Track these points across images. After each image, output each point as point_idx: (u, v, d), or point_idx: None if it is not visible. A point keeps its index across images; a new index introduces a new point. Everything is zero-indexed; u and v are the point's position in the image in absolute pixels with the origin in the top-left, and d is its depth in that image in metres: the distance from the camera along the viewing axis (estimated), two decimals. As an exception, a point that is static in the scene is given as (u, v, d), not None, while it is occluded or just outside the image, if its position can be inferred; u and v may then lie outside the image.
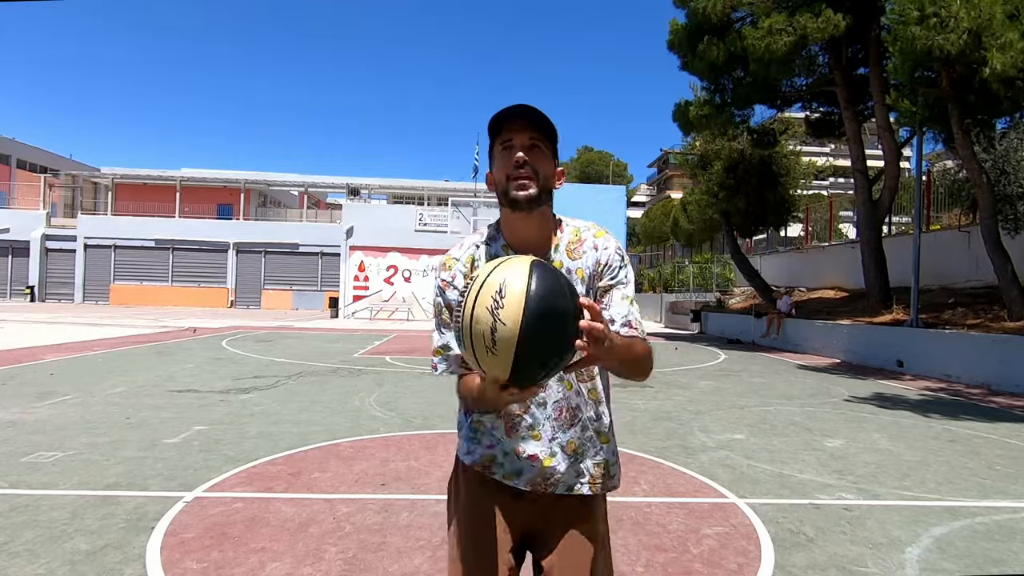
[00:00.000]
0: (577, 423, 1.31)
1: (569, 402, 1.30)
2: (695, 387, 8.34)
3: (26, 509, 3.26)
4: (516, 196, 1.25)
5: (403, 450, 4.68)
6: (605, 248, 1.34)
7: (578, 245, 1.34)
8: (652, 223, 39.30)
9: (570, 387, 1.31)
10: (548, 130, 1.28)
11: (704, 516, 3.44)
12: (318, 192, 37.33)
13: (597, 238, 1.35)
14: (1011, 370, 8.67)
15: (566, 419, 1.30)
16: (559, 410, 1.30)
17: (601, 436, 1.33)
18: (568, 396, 1.30)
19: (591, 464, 1.32)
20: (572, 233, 1.35)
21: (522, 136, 1.26)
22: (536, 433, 1.29)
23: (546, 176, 1.28)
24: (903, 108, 10.44)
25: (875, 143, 16.70)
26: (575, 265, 1.32)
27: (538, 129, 1.27)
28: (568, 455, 1.30)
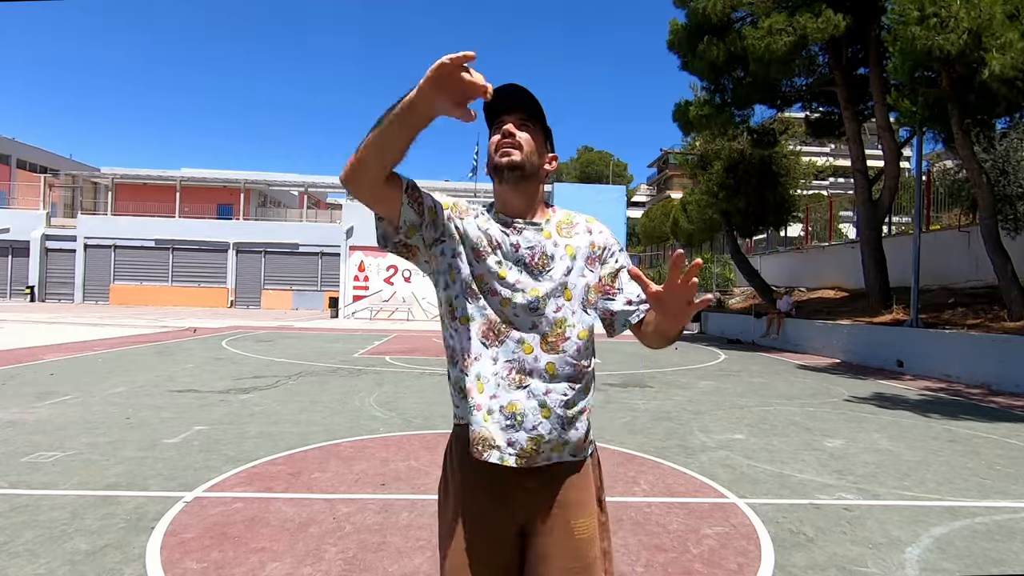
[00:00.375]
0: (524, 388, 1.28)
1: (522, 364, 1.28)
2: (695, 387, 8.34)
3: (26, 509, 3.26)
4: (499, 162, 1.30)
5: (403, 450, 4.68)
6: (600, 232, 1.40)
7: (569, 227, 1.38)
8: (652, 223, 39.31)
9: (529, 351, 1.28)
10: (535, 108, 1.32)
11: (704, 516, 3.44)
12: (318, 192, 37.30)
13: (590, 223, 1.41)
14: (1011, 370, 8.67)
15: (513, 380, 1.28)
16: (509, 369, 1.28)
17: (544, 409, 1.27)
18: (523, 359, 1.28)
19: (525, 436, 1.26)
20: (564, 215, 1.41)
21: (511, 116, 1.31)
22: (480, 385, 1.28)
23: (532, 151, 1.31)
24: (903, 108, 10.44)
25: (875, 143, 16.70)
26: (564, 242, 1.35)
27: (525, 108, 1.31)
28: (504, 416, 1.27)
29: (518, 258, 1.32)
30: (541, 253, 1.33)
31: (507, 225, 1.35)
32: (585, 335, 1.33)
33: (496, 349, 1.29)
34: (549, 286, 1.31)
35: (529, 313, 1.30)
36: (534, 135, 1.33)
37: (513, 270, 1.31)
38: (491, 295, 1.30)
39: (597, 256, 1.37)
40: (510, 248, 1.33)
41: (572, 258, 1.34)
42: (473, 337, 1.30)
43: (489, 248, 1.32)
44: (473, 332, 1.30)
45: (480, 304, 1.30)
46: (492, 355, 1.29)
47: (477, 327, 1.30)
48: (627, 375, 9.24)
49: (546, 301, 1.30)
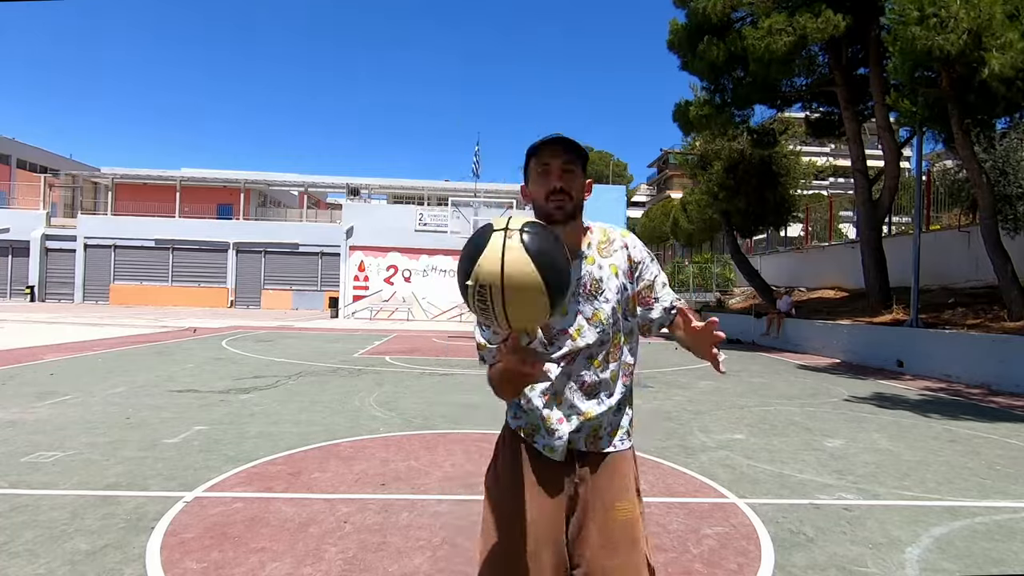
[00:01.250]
0: (596, 396, 1.46)
1: (595, 377, 1.46)
2: (695, 387, 8.34)
3: (26, 509, 3.26)
4: (554, 215, 1.43)
5: (403, 450, 4.68)
6: (635, 247, 1.55)
7: (608, 244, 1.52)
8: (652, 223, 39.31)
9: (598, 364, 1.46)
10: (580, 154, 1.45)
11: (704, 516, 3.44)
12: (318, 192, 37.32)
13: (624, 237, 1.56)
14: (1011, 370, 8.67)
15: (587, 392, 1.46)
16: (582, 383, 1.46)
17: (607, 409, 1.47)
18: (595, 372, 1.46)
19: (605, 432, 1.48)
20: (600, 233, 1.54)
21: (557, 160, 1.43)
22: (559, 399, 1.46)
23: (578, 195, 1.46)
24: (903, 108, 10.44)
25: (875, 143, 16.70)
26: (607, 262, 1.50)
27: (572, 153, 1.44)
28: (585, 422, 1.45)
29: (574, 291, 1.45)
30: (591, 279, 1.47)
31: None
32: (629, 339, 1.53)
33: (570, 368, 1.46)
34: (607, 307, 1.47)
35: (596, 333, 1.46)
36: (578, 176, 1.46)
37: (571, 303, 1.45)
38: (562, 334, 1.45)
39: (634, 269, 1.53)
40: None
41: (616, 276, 1.50)
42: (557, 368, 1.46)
43: None
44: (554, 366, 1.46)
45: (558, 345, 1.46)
46: (567, 372, 1.46)
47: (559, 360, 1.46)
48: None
49: (607, 320, 1.47)
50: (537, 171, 1.45)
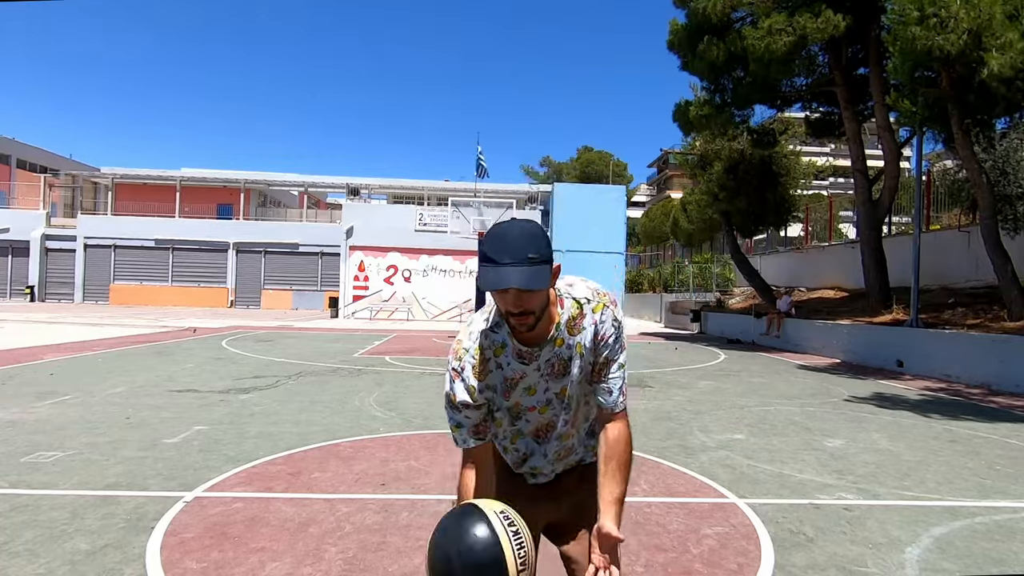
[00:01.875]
0: (571, 456, 1.62)
1: (566, 445, 1.58)
2: (695, 387, 8.34)
3: (26, 509, 3.26)
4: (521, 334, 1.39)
5: (403, 450, 4.68)
6: (603, 322, 1.45)
7: (579, 319, 1.44)
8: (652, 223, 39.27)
9: (568, 438, 1.57)
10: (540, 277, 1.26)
11: (704, 516, 3.44)
12: (318, 192, 37.31)
13: (595, 313, 1.44)
14: (1011, 370, 8.67)
15: (563, 456, 1.60)
16: (558, 454, 1.59)
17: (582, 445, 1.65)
18: (566, 444, 1.58)
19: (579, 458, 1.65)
20: (573, 307, 1.43)
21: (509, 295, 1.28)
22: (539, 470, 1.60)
23: (542, 306, 1.34)
24: (903, 108, 10.43)
25: (875, 143, 16.70)
26: (574, 340, 1.44)
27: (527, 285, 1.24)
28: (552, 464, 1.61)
29: (541, 374, 1.47)
30: (559, 360, 1.46)
31: (524, 355, 1.43)
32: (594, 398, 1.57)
33: (547, 445, 1.56)
34: (573, 385, 1.49)
35: (563, 410, 1.52)
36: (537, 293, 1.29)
37: (540, 383, 1.47)
38: (529, 411, 1.51)
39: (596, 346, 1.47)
40: (533, 371, 1.46)
41: (581, 356, 1.47)
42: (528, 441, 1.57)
43: (516, 380, 1.46)
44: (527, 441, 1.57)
45: (524, 420, 1.53)
46: (543, 451, 1.57)
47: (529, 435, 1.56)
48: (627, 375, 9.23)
49: (572, 397, 1.51)
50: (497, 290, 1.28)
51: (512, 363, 1.43)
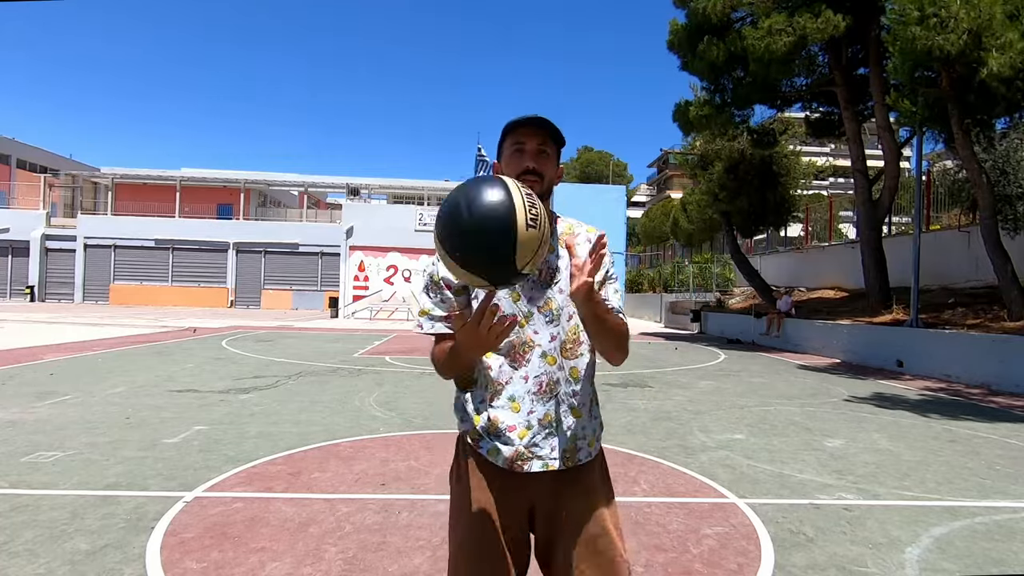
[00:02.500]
0: (554, 397, 1.38)
1: (550, 376, 1.37)
2: (695, 387, 8.34)
3: (26, 509, 3.26)
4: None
5: (403, 450, 4.67)
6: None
7: (572, 237, 1.43)
8: (652, 223, 39.27)
9: (553, 362, 1.38)
10: (556, 136, 1.41)
11: (704, 516, 3.44)
12: (318, 192, 37.32)
13: (590, 232, 1.48)
14: (1011, 370, 8.67)
15: (545, 392, 1.37)
16: (539, 384, 1.37)
17: (574, 411, 1.40)
18: (550, 371, 1.37)
19: (564, 440, 1.38)
20: (566, 227, 1.48)
21: (532, 141, 1.39)
22: (516, 405, 1.37)
23: (550, 178, 1.41)
24: (903, 108, 10.43)
25: (875, 143, 16.69)
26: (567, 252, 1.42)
27: (548, 135, 1.40)
28: (543, 427, 1.36)
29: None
30: (547, 268, 1.41)
31: None
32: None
33: (525, 368, 1.37)
34: (560, 297, 1.40)
35: (547, 326, 1.39)
36: (552, 160, 1.42)
37: (525, 288, 1.39)
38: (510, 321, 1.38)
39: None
40: None
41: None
42: (502, 364, 1.38)
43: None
44: (500, 360, 1.38)
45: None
46: (522, 375, 1.37)
47: (504, 352, 1.38)
48: (627, 375, 9.24)
49: (560, 311, 1.40)
50: (511, 150, 1.41)
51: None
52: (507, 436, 1.35)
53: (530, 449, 1.35)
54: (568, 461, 1.37)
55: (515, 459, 1.35)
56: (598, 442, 1.46)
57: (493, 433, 1.37)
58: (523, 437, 1.35)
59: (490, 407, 1.38)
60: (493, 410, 1.37)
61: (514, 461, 1.35)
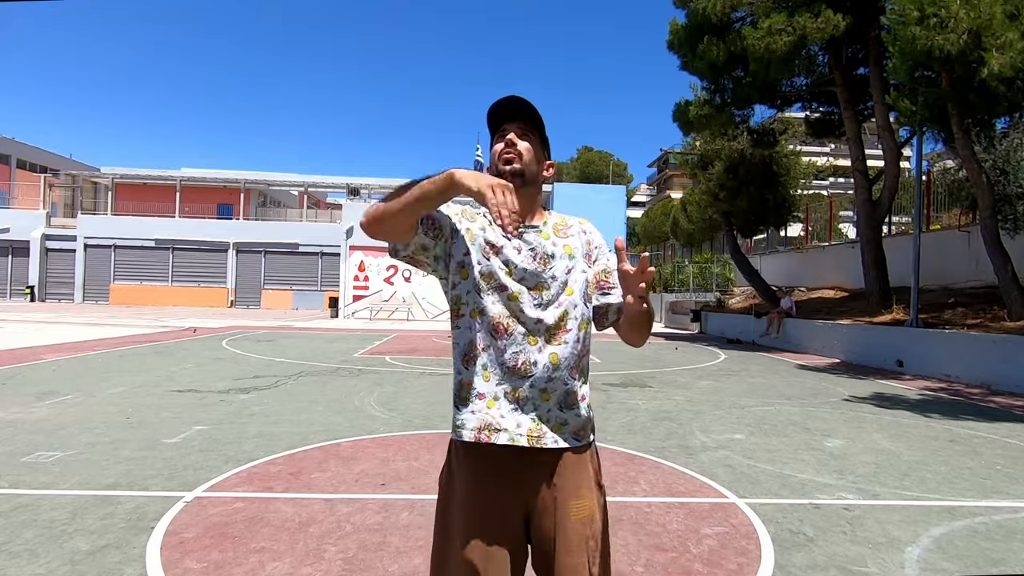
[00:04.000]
0: (528, 377, 1.38)
1: (528, 356, 1.38)
2: (695, 387, 8.34)
3: (26, 509, 3.26)
4: (502, 169, 1.42)
5: (403, 450, 4.67)
6: (591, 232, 1.54)
7: (565, 228, 1.51)
8: (652, 223, 39.29)
9: (534, 343, 1.39)
10: (535, 119, 1.45)
11: (704, 516, 3.44)
12: (318, 192, 37.32)
13: (583, 224, 1.54)
14: (1011, 370, 8.67)
15: (519, 371, 1.38)
16: (515, 359, 1.38)
17: (544, 393, 1.39)
18: (529, 350, 1.38)
19: (529, 418, 1.38)
20: (559, 218, 1.53)
21: (512, 124, 1.45)
22: (487, 374, 1.39)
23: (532, 159, 1.44)
24: (903, 108, 10.43)
25: (875, 143, 16.69)
26: (562, 242, 1.47)
27: (527, 119, 1.44)
28: (509, 401, 1.37)
29: (521, 258, 1.42)
30: (542, 253, 1.43)
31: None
32: (585, 326, 1.45)
33: (504, 341, 1.38)
34: (552, 283, 1.42)
35: (534, 308, 1.40)
36: (534, 144, 1.45)
37: (518, 269, 1.41)
38: (500, 291, 1.40)
39: (591, 254, 1.50)
40: (513, 250, 1.43)
41: (571, 257, 1.46)
42: (483, 329, 1.39)
43: (495, 249, 1.42)
44: (484, 324, 1.39)
45: (492, 299, 1.40)
46: (501, 346, 1.38)
47: (488, 320, 1.39)
48: (627, 375, 9.24)
49: (550, 297, 1.41)
50: (495, 141, 1.47)
51: (497, 231, 1.44)
52: (477, 403, 1.37)
53: (497, 420, 1.36)
54: (533, 440, 1.36)
55: (482, 428, 1.36)
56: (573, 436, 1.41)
57: (464, 399, 1.39)
58: (490, 407, 1.37)
59: (464, 371, 1.40)
60: (467, 373, 1.40)
61: (481, 431, 1.36)
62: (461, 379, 1.41)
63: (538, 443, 1.37)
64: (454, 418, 1.42)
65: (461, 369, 1.41)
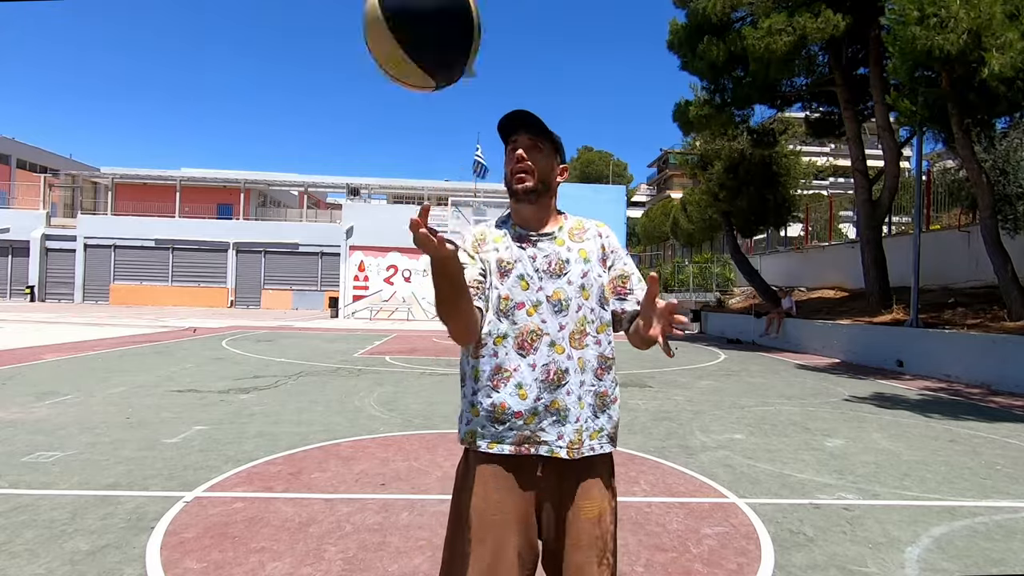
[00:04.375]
0: (563, 386, 1.40)
1: (558, 365, 1.40)
2: (695, 387, 8.34)
3: (26, 509, 3.26)
4: (515, 188, 1.47)
5: (403, 450, 4.67)
6: (608, 236, 1.56)
7: (581, 232, 1.53)
8: (652, 223, 39.30)
9: (561, 351, 1.41)
10: (545, 132, 1.47)
11: (704, 516, 3.44)
12: (318, 192, 37.33)
13: (599, 227, 1.57)
14: (1011, 370, 8.67)
15: (553, 381, 1.39)
16: (546, 372, 1.40)
17: (580, 402, 1.41)
18: (558, 359, 1.40)
19: (571, 429, 1.39)
20: (575, 222, 1.56)
21: (523, 136, 1.47)
22: (523, 392, 1.39)
23: (544, 171, 1.47)
24: (903, 108, 10.42)
25: (875, 143, 16.69)
26: (578, 246, 1.50)
27: (535, 132, 1.46)
28: (550, 413, 1.39)
29: (536, 267, 1.45)
30: (557, 259, 1.47)
31: (523, 239, 1.48)
32: (604, 329, 1.48)
33: (533, 356, 1.40)
34: (569, 288, 1.45)
35: (555, 315, 1.42)
36: (547, 152, 1.48)
37: (534, 278, 1.44)
38: (518, 308, 1.42)
39: (607, 258, 1.53)
40: (528, 260, 1.45)
41: (586, 261, 1.49)
42: (510, 352, 1.41)
43: (510, 264, 1.44)
44: (509, 347, 1.41)
45: (511, 320, 1.42)
46: (530, 362, 1.40)
47: (512, 342, 1.41)
48: (627, 375, 9.24)
49: (568, 302, 1.44)
50: (508, 149, 1.49)
51: (510, 247, 1.47)
52: (514, 422, 1.38)
53: (536, 434, 1.38)
54: (573, 451, 1.38)
55: (521, 443, 1.38)
56: (609, 441, 1.45)
57: (498, 419, 1.39)
58: (530, 423, 1.38)
59: (494, 393, 1.40)
60: (499, 395, 1.40)
61: (520, 444, 1.38)
62: (493, 401, 1.40)
63: (577, 454, 1.39)
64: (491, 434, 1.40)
65: (491, 392, 1.40)
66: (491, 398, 1.40)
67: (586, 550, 1.38)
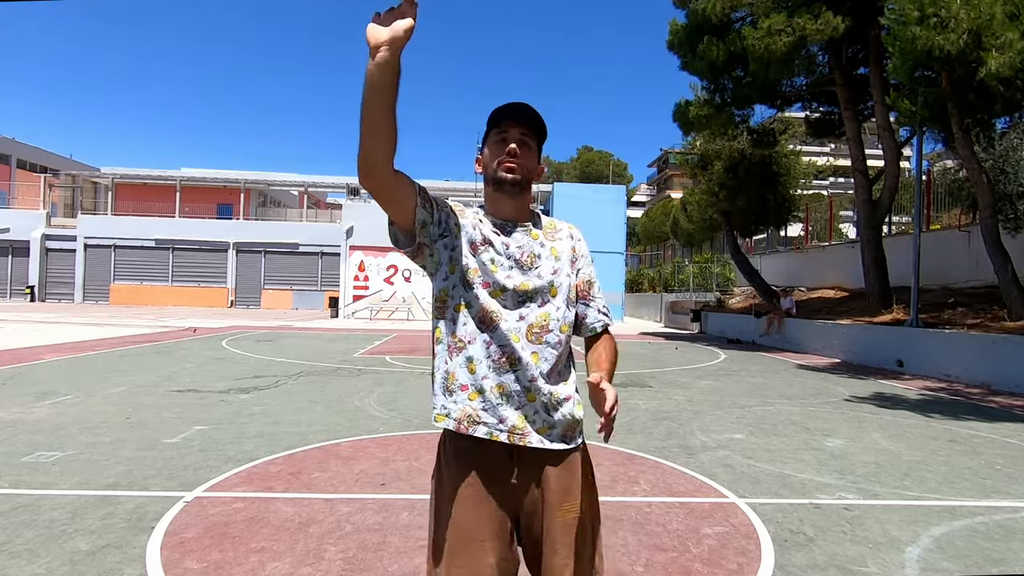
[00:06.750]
0: (511, 372, 1.38)
1: (512, 351, 1.38)
2: (695, 387, 8.34)
3: (26, 509, 3.26)
4: (503, 177, 1.45)
5: (403, 450, 4.67)
6: (579, 240, 1.58)
7: (554, 231, 1.55)
8: (652, 223, 39.30)
9: (516, 340, 1.39)
10: (539, 128, 1.48)
11: (704, 516, 3.44)
12: (318, 192, 37.32)
13: (571, 229, 1.58)
14: (1011, 370, 8.67)
15: (504, 364, 1.38)
16: (501, 352, 1.38)
17: (528, 394, 1.39)
18: (513, 346, 1.38)
19: (514, 415, 1.38)
20: (548, 221, 1.57)
21: (515, 130, 1.45)
22: (472, 366, 1.39)
23: (530, 169, 1.48)
24: (903, 108, 10.43)
25: (875, 143, 16.70)
26: (550, 244, 1.50)
27: (530, 126, 1.46)
28: (493, 394, 1.38)
29: (508, 255, 1.44)
30: (529, 252, 1.46)
31: (498, 227, 1.48)
32: (566, 329, 1.47)
33: (489, 334, 1.39)
34: (536, 282, 1.44)
35: (517, 305, 1.42)
36: (533, 151, 1.48)
37: (504, 266, 1.43)
38: (483, 286, 1.41)
39: (575, 260, 1.54)
40: (501, 246, 1.45)
41: (556, 259, 1.49)
42: (469, 322, 1.40)
43: (483, 245, 1.44)
44: (469, 317, 1.40)
45: (475, 293, 1.41)
46: (485, 339, 1.39)
47: (474, 313, 1.40)
48: (627, 375, 9.24)
49: (533, 295, 1.43)
50: (495, 139, 1.47)
51: (486, 229, 1.46)
52: (459, 394, 1.39)
53: (477, 413, 1.37)
54: (514, 437, 1.37)
55: (462, 419, 1.37)
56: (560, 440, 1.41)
57: (448, 389, 1.40)
58: (472, 399, 1.38)
59: (449, 361, 1.41)
60: (450, 365, 1.41)
61: (461, 422, 1.37)
62: (447, 369, 1.41)
63: (521, 441, 1.37)
64: (440, 405, 1.42)
65: (447, 360, 1.42)
66: (446, 366, 1.42)
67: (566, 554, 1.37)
